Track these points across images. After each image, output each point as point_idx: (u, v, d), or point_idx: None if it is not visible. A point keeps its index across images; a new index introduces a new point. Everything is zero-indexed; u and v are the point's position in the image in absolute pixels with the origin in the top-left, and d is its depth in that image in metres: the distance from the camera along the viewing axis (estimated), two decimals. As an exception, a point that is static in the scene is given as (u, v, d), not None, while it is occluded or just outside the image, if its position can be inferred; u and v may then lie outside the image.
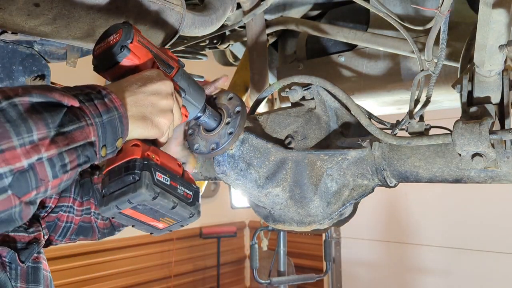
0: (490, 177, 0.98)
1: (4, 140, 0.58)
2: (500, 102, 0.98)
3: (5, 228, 0.63)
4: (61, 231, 1.14)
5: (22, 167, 0.60)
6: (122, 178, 0.82)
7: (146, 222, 0.88)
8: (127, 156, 0.83)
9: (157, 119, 0.83)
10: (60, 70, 1.76)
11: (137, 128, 0.80)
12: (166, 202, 0.84)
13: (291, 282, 3.89)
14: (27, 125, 0.60)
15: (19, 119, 0.60)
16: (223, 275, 5.60)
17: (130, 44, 0.83)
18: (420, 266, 4.30)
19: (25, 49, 1.31)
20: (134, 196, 0.80)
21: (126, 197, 0.80)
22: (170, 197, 0.85)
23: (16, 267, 0.92)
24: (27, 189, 0.61)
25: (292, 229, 1.19)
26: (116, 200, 0.81)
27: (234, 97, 1.08)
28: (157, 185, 0.82)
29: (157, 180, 0.83)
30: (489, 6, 0.77)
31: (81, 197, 1.17)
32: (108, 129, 0.71)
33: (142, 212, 0.85)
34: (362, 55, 1.72)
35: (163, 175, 0.85)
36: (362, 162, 1.10)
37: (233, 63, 2.35)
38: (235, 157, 1.10)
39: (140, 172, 0.81)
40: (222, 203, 5.22)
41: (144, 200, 0.81)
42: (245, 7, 1.57)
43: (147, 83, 0.82)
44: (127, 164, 0.82)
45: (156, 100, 0.82)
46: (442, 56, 0.99)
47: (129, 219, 0.87)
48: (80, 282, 4.29)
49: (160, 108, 0.83)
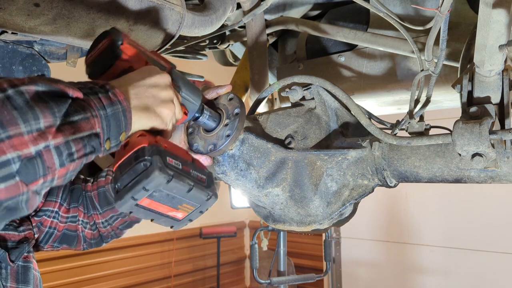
0: (490, 177, 0.98)
1: (12, 126, 0.58)
2: (500, 102, 0.98)
3: (11, 217, 0.62)
4: (43, 236, 1.10)
5: (30, 154, 0.60)
6: (133, 167, 0.80)
7: (165, 213, 0.86)
8: (135, 147, 0.82)
9: (159, 109, 0.83)
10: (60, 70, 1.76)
11: (140, 119, 0.80)
12: (182, 185, 0.82)
13: (291, 282, 3.88)
14: (34, 112, 0.61)
15: (26, 106, 0.60)
16: (223, 275, 5.60)
17: (121, 45, 0.84)
18: (420, 266, 4.30)
19: (25, 49, 1.31)
20: (149, 181, 0.77)
21: (140, 185, 0.78)
22: (185, 179, 0.83)
23: (6, 267, 0.91)
24: (34, 177, 0.61)
25: (292, 229, 1.19)
26: (131, 191, 0.79)
27: (234, 98, 1.08)
28: (169, 168, 0.80)
29: (169, 164, 0.81)
30: (489, 6, 0.77)
31: (68, 203, 1.14)
32: (112, 122, 0.72)
33: (159, 200, 0.82)
34: (362, 55, 1.71)
35: (174, 160, 0.83)
36: (362, 162, 1.10)
37: (233, 63, 2.35)
38: (235, 157, 1.10)
39: (151, 157, 0.79)
40: (222, 203, 5.20)
41: (159, 184, 0.79)
42: (245, 7, 1.57)
43: (145, 77, 0.83)
44: (136, 154, 0.81)
45: (156, 91, 0.83)
46: (442, 56, 0.99)
47: (147, 212, 0.84)
48: (80, 282, 4.29)
49: (161, 99, 0.84)
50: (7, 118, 0.58)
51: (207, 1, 1.42)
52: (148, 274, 4.93)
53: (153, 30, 1.22)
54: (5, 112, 0.58)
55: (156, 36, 1.25)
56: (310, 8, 1.85)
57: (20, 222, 1.01)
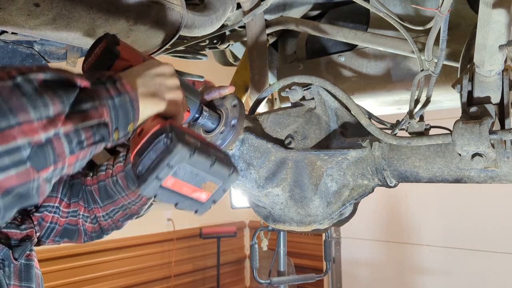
0: (490, 177, 0.98)
1: (22, 113, 0.58)
2: (500, 102, 0.98)
3: (21, 204, 0.62)
4: (44, 231, 1.10)
5: (40, 141, 0.59)
6: (154, 147, 0.79)
7: (189, 195, 0.84)
8: (150, 130, 0.81)
9: (167, 95, 0.84)
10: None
11: (148, 106, 0.80)
12: (205, 158, 0.80)
13: (291, 282, 3.88)
14: (43, 99, 0.61)
15: (35, 93, 0.60)
16: (223, 275, 5.60)
17: (118, 47, 0.85)
18: (420, 266, 4.30)
19: (25, 49, 1.31)
20: (173, 156, 0.76)
21: (165, 162, 0.76)
22: (208, 152, 0.82)
23: (9, 264, 0.91)
24: (45, 163, 0.61)
25: (292, 229, 1.19)
26: (155, 171, 0.77)
27: (236, 107, 1.07)
28: (190, 141, 0.80)
29: (189, 140, 0.80)
30: (489, 6, 0.77)
31: (68, 198, 1.15)
32: (120, 112, 0.72)
33: (183, 178, 0.80)
34: (362, 55, 1.71)
35: (191, 138, 0.82)
36: (362, 162, 1.10)
37: (233, 63, 2.35)
38: (235, 157, 1.10)
39: (170, 133, 0.78)
40: (222, 203, 5.18)
41: (183, 157, 0.77)
42: (245, 7, 1.57)
43: (150, 68, 0.84)
44: (154, 134, 0.80)
45: (163, 79, 0.84)
46: (442, 56, 0.99)
47: (171, 194, 0.81)
48: (80, 282, 4.28)
49: (167, 86, 0.85)
50: (16, 105, 0.58)
51: (207, 1, 1.42)
52: (148, 274, 4.93)
53: (153, 30, 1.22)
54: (14, 98, 0.58)
55: (156, 36, 1.25)
56: (310, 8, 1.85)
57: (22, 220, 1.01)
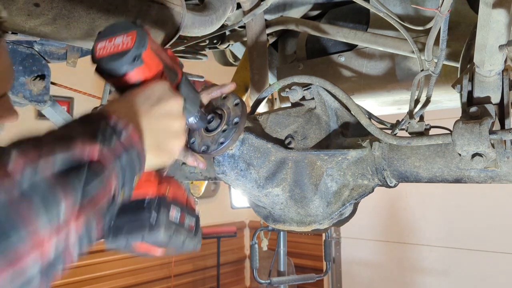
0: (490, 177, 0.98)
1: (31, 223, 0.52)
2: (500, 102, 0.98)
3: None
4: None
5: (49, 260, 0.56)
6: (138, 215, 0.78)
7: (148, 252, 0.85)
8: (140, 192, 0.80)
9: (171, 145, 0.78)
10: (60, 70, 1.76)
11: (151, 159, 0.75)
12: (178, 239, 0.83)
13: (291, 282, 3.89)
14: (55, 198, 0.55)
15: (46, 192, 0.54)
16: (223, 275, 5.60)
17: (144, 52, 0.74)
18: (420, 266, 4.30)
19: (25, 49, 1.32)
20: (151, 235, 0.77)
21: (140, 233, 0.77)
22: (182, 232, 0.84)
23: None
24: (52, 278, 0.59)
25: (292, 229, 1.19)
26: (128, 234, 0.77)
27: (238, 105, 1.06)
28: (172, 223, 0.80)
29: (171, 218, 0.81)
30: (489, 6, 0.77)
31: None
32: (127, 171, 0.66)
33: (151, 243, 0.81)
34: (362, 55, 1.71)
35: (175, 210, 0.83)
36: (362, 162, 1.10)
37: (233, 63, 2.35)
38: (235, 157, 1.10)
39: (157, 213, 0.78)
40: (222, 203, 5.21)
41: (161, 241, 0.78)
42: (245, 7, 1.57)
43: (159, 103, 0.76)
44: (142, 203, 0.79)
45: (169, 122, 0.78)
46: (442, 56, 0.99)
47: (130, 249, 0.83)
48: (80, 282, 4.28)
49: (173, 132, 0.79)
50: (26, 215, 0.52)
51: (207, 1, 1.42)
52: (148, 274, 4.93)
53: (153, 30, 1.22)
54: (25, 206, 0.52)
55: (156, 36, 1.25)
56: (310, 8, 1.85)
57: None
